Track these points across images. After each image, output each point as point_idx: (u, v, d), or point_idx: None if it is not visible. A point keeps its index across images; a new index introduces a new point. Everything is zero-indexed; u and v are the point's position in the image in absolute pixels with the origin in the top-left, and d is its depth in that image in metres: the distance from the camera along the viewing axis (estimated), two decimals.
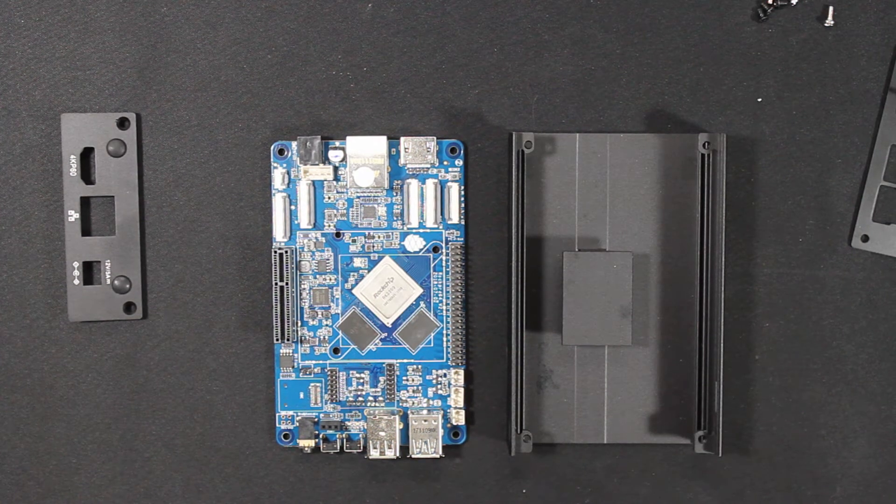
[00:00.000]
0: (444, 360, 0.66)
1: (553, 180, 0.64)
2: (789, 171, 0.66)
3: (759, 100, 0.66)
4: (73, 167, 0.65)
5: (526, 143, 0.63)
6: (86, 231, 0.65)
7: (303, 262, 0.65)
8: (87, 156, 0.65)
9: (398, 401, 0.66)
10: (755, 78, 0.66)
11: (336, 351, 0.66)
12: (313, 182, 0.65)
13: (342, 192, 0.65)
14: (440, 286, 0.66)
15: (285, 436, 0.66)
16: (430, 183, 0.65)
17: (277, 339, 0.65)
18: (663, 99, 0.66)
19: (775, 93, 0.66)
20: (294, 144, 0.65)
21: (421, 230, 0.66)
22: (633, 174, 0.64)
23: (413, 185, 0.65)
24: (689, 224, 0.65)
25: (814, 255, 0.66)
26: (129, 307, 0.65)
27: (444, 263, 0.66)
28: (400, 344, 0.66)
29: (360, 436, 0.66)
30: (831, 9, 0.65)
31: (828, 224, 0.66)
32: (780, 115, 0.66)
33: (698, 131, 0.65)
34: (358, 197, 0.65)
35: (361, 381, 0.66)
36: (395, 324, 0.66)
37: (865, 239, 0.66)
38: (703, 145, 0.64)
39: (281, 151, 0.65)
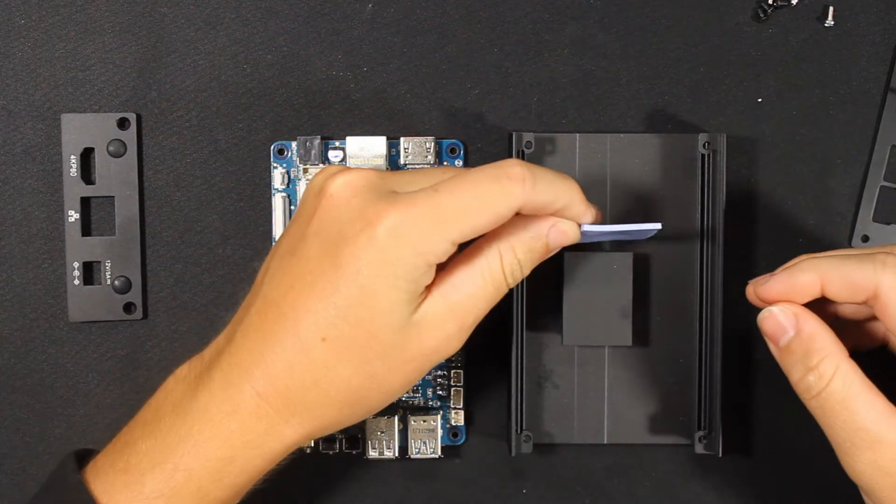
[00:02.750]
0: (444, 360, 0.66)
1: None
2: (789, 171, 0.66)
3: (759, 100, 0.66)
4: (73, 167, 0.65)
5: (526, 143, 0.63)
6: (86, 231, 0.65)
7: None
8: (87, 156, 0.65)
9: (397, 401, 0.66)
10: (755, 78, 0.66)
11: None
12: None
13: None
14: None
15: None
16: None
17: None
18: (663, 99, 0.66)
19: (775, 93, 0.66)
20: (294, 144, 0.65)
21: None
22: (634, 174, 0.64)
23: None
24: (689, 224, 0.64)
25: None
26: (129, 307, 0.65)
27: None
28: None
29: (359, 436, 0.66)
30: (831, 9, 0.66)
31: (828, 224, 0.66)
32: (780, 115, 0.66)
33: (698, 131, 0.65)
34: None
35: None
36: None
37: (865, 239, 0.66)
38: (704, 145, 0.64)
39: (281, 151, 0.65)
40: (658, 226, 0.57)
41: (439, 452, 0.65)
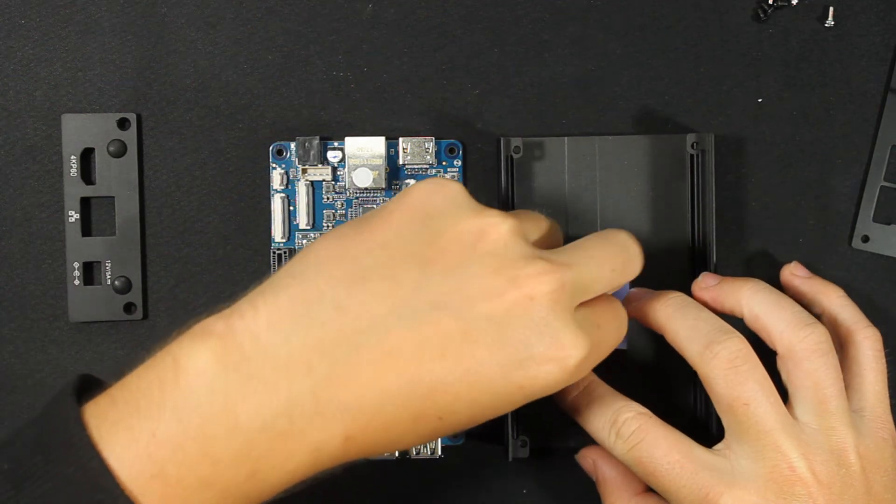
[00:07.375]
0: None
1: (543, 185, 0.64)
2: (789, 171, 0.66)
3: (760, 100, 0.66)
4: (73, 167, 0.65)
5: (514, 148, 0.63)
6: (86, 231, 0.66)
7: None
8: (87, 156, 0.65)
9: None
10: (755, 78, 0.66)
11: None
12: (312, 182, 0.65)
13: (340, 193, 0.65)
14: None
15: None
16: None
17: None
18: (663, 99, 0.66)
19: (775, 93, 0.66)
20: (293, 145, 0.65)
21: None
22: (623, 177, 0.64)
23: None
24: (682, 225, 0.64)
25: (814, 255, 0.66)
26: (129, 307, 0.66)
27: None
28: None
29: None
30: (831, 9, 0.65)
31: (828, 224, 0.66)
32: (780, 115, 0.66)
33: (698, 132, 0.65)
34: (357, 197, 0.65)
35: None
36: None
37: (865, 239, 0.66)
38: (692, 145, 0.64)
39: (279, 152, 0.65)
40: None
41: (439, 452, 0.65)
